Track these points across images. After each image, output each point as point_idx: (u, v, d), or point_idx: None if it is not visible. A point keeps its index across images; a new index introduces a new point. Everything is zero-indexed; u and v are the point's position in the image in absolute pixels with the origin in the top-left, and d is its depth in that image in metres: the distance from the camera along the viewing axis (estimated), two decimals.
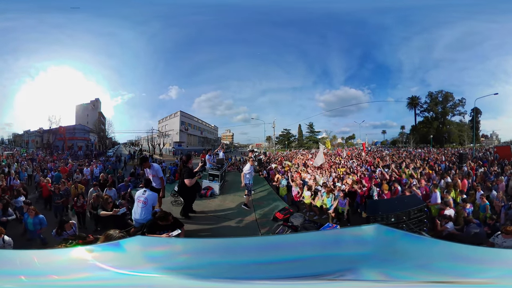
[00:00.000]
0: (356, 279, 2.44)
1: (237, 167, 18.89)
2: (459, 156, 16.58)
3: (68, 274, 2.79)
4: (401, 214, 7.51)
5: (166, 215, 5.44)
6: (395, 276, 2.44)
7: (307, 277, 2.48)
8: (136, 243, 3.17)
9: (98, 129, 27.57)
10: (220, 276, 2.46)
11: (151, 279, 2.49)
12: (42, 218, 7.65)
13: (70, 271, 2.84)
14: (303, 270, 2.56)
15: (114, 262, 2.80)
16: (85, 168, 14.28)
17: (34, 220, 7.49)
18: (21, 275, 2.68)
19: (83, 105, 26.61)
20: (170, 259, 2.79)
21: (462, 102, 25.87)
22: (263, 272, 2.58)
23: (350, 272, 2.50)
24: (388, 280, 2.40)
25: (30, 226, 7.44)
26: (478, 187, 9.97)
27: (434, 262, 2.58)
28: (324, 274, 2.49)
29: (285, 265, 2.67)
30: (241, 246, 3.12)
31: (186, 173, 7.51)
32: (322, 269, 2.53)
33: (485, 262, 2.60)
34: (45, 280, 2.70)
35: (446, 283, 2.36)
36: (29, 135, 25.83)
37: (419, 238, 3.39)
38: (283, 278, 2.51)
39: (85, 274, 2.76)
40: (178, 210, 8.14)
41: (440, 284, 2.36)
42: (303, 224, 7.25)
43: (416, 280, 2.38)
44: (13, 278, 2.65)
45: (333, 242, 3.13)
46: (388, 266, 2.55)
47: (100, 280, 2.63)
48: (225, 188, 11.11)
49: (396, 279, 2.41)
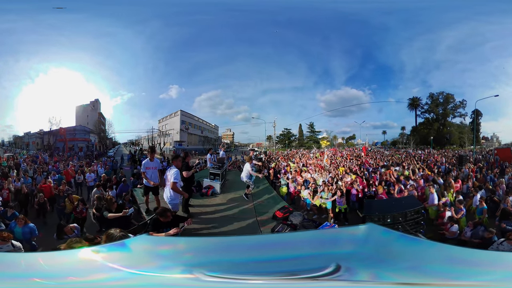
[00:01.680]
0: (351, 278, 2.46)
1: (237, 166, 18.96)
2: (459, 158, 16.62)
3: (85, 275, 2.80)
4: (398, 215, 7.55)
5: (165, 211, 5.35)
6: (388, 277, 2.45)
7: (305, 275, 2.51)
8: (142, 242, 3.20)
9: (98, 130, 27.63)
10: (224, 274, 2.51)
11: (161, 278, 2.53)
12: (33, 227, 7.15)
13: (85, 272, 2.85)
14: (301, 268, 2.58)
15: (123, 262, 2.82)
16: (88, 174, 13.91)
17: (24, 229, 6.95)
18: (34, 278, 2.69)
19: (83, 106, 26.68)
20: (176, 257, 2.83)
21: (463, 103, 25.94)
22: (263, 269, 2.61)
23: (345, 270, 2.52)
24: (382, 281, 2.41)
25: (19, 236, 6.72)
26: (474, 191, 9.71)
27: (429, 264, 2.58)
28: (321, 272, 2.52)
29: (285, 263, 2.71)
30: (244, 244, 3.16)
31: (184, 166, 7.96)
32: (319, 267, 2.55)
33: (481, 265, 2.58)
34: (63, 282, 2.72)
35: (441, 285, 2.39)
36: (29, 137, 25.91)
37: (415, 240, 3.42)
38: (283, 276, 2.55)
39: (101, 275, 2.78)
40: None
41: (434, 286, 2.38)
42: (302, 222, 7.32)
43: (409, 282, 2.39)
44: (25, 281, 2.66)
45: (329, 241, 3.17)
46: (382, 267, 2.57)
47: (116, 280, 2.64)
48: (226, 187, 11.16)
49: (388, 280, 2.41)
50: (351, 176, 12.25)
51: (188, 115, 27.50)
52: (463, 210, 8.58)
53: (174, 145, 26.55)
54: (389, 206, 8.26)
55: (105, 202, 7.57)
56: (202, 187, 10.52)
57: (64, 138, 24.90)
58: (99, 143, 28.04)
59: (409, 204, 8.06)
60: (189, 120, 27.69)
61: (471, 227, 7.55)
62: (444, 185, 10.70)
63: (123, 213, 6.77)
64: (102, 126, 27.85)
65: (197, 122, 28.73)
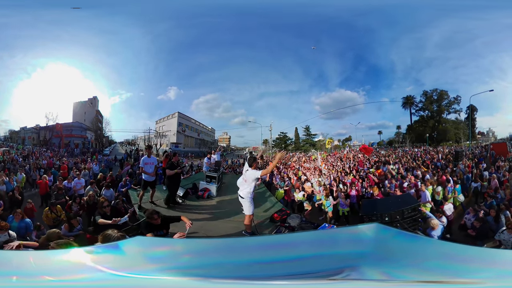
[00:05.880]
0: (353, 277, 2.48)
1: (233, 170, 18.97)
2: (455, 154, 16.67)
3: (62, 275, 2.77)
4: (395, 214, 7.55)
5: (152, 213, 5.29)
6: (391, 274, 2.48)
7: (307, 276, 2.50)
8: (136, 244, 3.15)
9: (95, 127, 27.43)
10: (221, 276, 2.49)
11: (153, 281, 2.51)
12: (29, 222, 7.17)
13: (65, 272, 2.82)
14: (302, 268, 2.59)
15: (112, 264, 2.79)
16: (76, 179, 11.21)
17: (20, 224, 6.98)
18: (13, 276, 2.65)
19: (80, 103, 26.51)
20: (172, 260, 2.80)
21: (457, 99, 25.76)
22: (263, 271, 2.61)
23: (347, 270, 2.55)
24: (383, 279, 2.44)
25: (15, 230, 6.64)
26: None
27: (428, 261, 2.62)
28: (322, 272, 2.52)
29: (284, 264, 2.70)
30: (241, 245, 3.14)
31: (169, 165, 8.63)
32: (321, 268, 2.56)
33: (478, 262, 2.63)
34: (37, 280, 2.67)
35: (439, 283, 2.40)
36: (25, 132, 25.63)
37: (414, 237, 3.44)
38: (283, 277, 2.53)
39: (81, 275, 2.75)
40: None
41: (433, 283, 2.40)
42: (300, 224, 7.33)
43: (411, 280, 2.42)
44: (4, 279, 2.61)
45: (330, 241, 3.15)
46: (384, 265, 2.59)
47: (96, 281, 2.62)
48: (222, 190, 11.12)
49: (392, 277, 2.45)
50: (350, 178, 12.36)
51: (186, 117, 27.45)
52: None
53: (171, 146, 26.42)
54: (386, 204, 8.28)
55: (97, 203, 7.50)
56: (198, 189, 10.49)
57: (61, 134, 24.70)
58: (96, 141, 27.82)
59: (406, 202, 8.06)
60: (186, 123, 27.63)
61: (472, 213, 7.66)
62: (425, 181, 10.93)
63: (113, 221, 6.46)
64: (99, 123, 27.67)
65: (194, 125, 28.67)
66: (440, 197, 9.82)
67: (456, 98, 25.79)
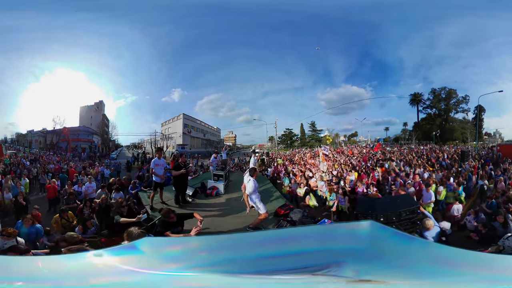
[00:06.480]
0: (339, 274, 2.45)
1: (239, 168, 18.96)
2: (461, 153, 16.37)
3: (73, 280, 2.70)
4: (391, 215, 7.26)
5: (168, 212, 5.45)
6: (380, 273, 2.42)
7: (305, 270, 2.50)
8: (149, 243, 3.09)
9: (102, 131, 27.61)
10: (234, 272, 2.48)
11: (172, 278, 2.46)
12: (40, 228, 6.97)
13: (75, 277, 2.74)
14: (300, 263, 2.59)
15: (129, 265, 2.72)
16: (87, 183, 11.19)
17: (30, 230, 6.75)
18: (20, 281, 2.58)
19: (87, 107, 26.72)
20: (189, 257, 2.74)
21: (465, 99, 25.46)
22: (270, 265, 2.59)
23: (338, 266, 2.53)
24: (370, 279, 2.38)
25: (24, 236, 6.43)
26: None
27: (421, 263, 2.55)
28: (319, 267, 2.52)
29: (286, 259, 2.68)
30: (249, 241, 3.12)
31: (175, 166, 8.92)
32: (317, 263, 2.56)
33: (472, 266, 2.53)
34: (45, 286, 2.61)
35: (429, 285, 2.36)
36: (32, 135, 25.87)
37: (410, 238, 3.36)
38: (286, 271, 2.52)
39: (93, 280, 2.67)
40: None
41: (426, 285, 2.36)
42: (301, 219, 7.54)
43: (400, 280, 2.39)
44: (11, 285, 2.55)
45: (328, 236, 3.10)
46: (375, 263, 2.56)
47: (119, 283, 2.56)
48: (229, 187, 11.27)
49: (380, 276, 2.39)
50: (354, 175, 12.21)
51: (191, 118, 27.54)
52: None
53: (177, 148, 26.48)
54: (384, 204, 8.03)
55: (116, 204, 7.61)
56: (206, 188, 10.67)
57: (68, 138, 24.90)
58: (102, 145, 28.00)
59: (404, 203, 7.67)
60: (192, 124, 27.72)
61: (472, 215, 7.50)
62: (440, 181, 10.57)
63: (136, 219, 6.58)
64: (105, 127, 27.84)
65: (199, 125, 28.73)
66: (441, 197, 9.48)
67: (465, 97, 25.48)
